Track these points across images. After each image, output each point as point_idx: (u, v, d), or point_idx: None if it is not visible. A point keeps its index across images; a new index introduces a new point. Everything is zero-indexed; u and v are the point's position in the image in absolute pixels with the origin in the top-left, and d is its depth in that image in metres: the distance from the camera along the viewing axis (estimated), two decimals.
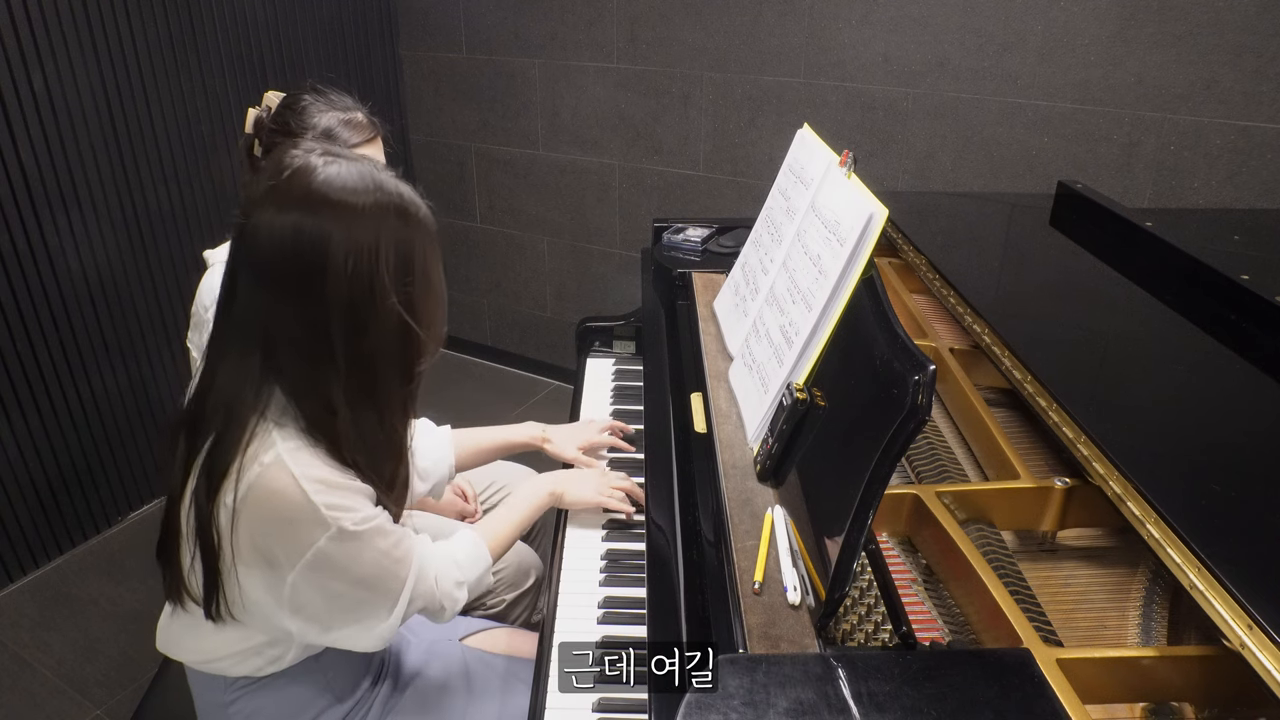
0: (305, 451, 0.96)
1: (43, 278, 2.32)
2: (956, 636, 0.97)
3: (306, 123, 1.48)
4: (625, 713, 1.08)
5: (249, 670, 1.10)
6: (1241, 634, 0.73)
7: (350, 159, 0.97)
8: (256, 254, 0.93)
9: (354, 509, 0.98)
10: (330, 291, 0.92)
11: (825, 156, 1.36)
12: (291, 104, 1.51)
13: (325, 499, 0.95)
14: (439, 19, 3.17)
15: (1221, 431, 1.06)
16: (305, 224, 0.91)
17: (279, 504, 0.94)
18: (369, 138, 1.54)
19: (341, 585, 1.00)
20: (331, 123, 1.49)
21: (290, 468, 0.94)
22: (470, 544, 1.21)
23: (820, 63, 2.57)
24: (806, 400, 1.10)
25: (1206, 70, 2.09)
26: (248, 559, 0.96)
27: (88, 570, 2.52)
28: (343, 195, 0.93)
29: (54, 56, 2.23)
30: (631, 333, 1.92)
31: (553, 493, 1.36)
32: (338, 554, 0.97)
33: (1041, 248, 1.70)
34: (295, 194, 0.92)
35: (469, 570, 1.18)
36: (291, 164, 0.94)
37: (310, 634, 1.04)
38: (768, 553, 1.04)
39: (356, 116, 1.53)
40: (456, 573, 1.16)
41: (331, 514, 0.95)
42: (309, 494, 0.94)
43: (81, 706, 2.09)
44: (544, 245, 3.35)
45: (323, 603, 1.00)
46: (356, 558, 0.99)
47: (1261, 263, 1.40)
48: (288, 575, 0.96)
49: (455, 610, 1.16)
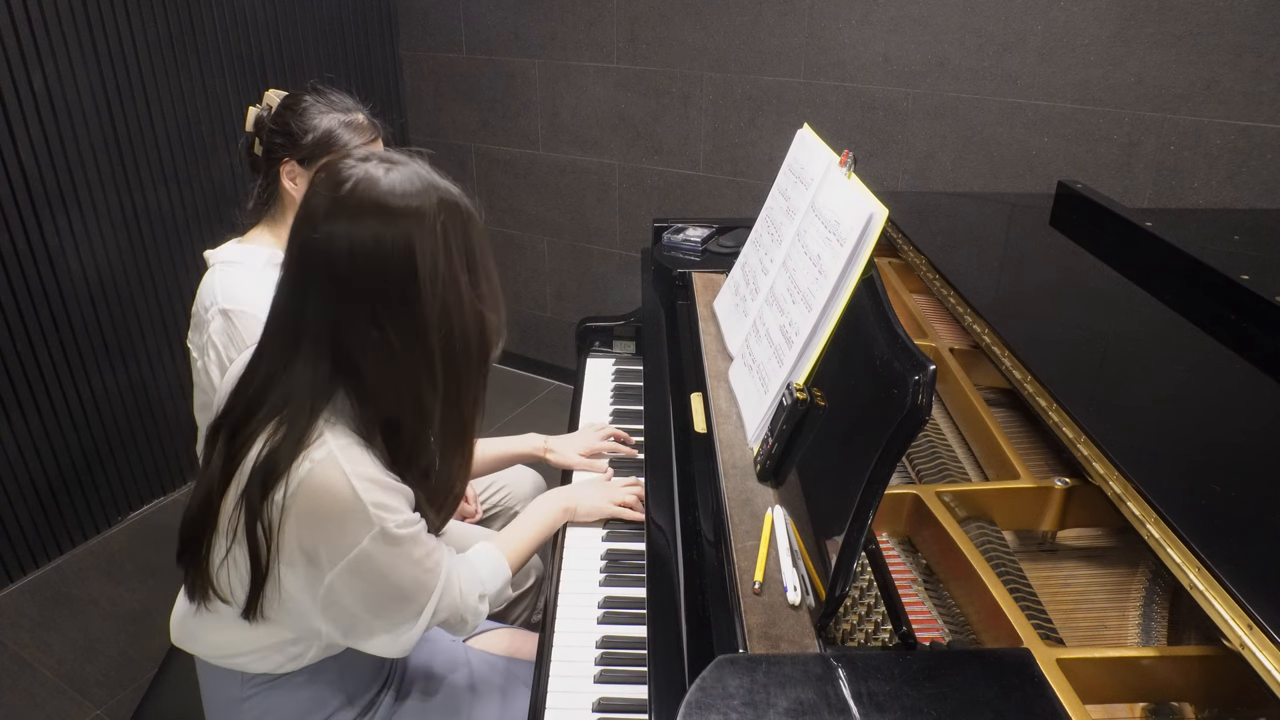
0: (356, 449, 0.97)
1: (43, 278, 2.33)
2: (956, 636, 0.97)
3: (308, 124, 1.48)
4: (625, 713, 1.08)
5: (269, 667, 1.10)
6: (1241, 634, 0.73)
7: (402, 161, 0.99)
8: (334, 264, 0.94)
9: (398, 510, 0.99)
10: (421, 294, 0.95)
11: (825, 156, 1.36)
12: (292, 105, 1.50)
13: (373, 497, 0.96)
14: (439, 19, 3.17)
15: (1221, 431, 1.06)
16: (385, 234, 0.93)
17: (328, 500, 0.94)
18: (370, 140, 1.53)
19: (376, 590, 1.01)
20: (333, 125, 1.49)
21: (342, 464, 0.95)
22: (491, 558, 1.22)
23: (820, 63, 2.57)
24: (806, 400, 1.10)
25: (1206, 70, 2.09)
26: (291, 557, 0.97)
27: (88, 570, 2.52)
28: (410, 200, 0.95)
29: (54, 56, 2.23)
30: (631, 333, 1.92)
31: (566, 508, 1.38)
32: (378, 556, 0.98)
33: (1041, 248, 1.70)
34: (366, 205, 0.94)
35: (490, 584, 1.19)
36: (353, 175, 0.96)
37: (337, 635, 1.05)
38: (768, 553, 1.04)
39: (358, 118, 1.52)
40: (479, 586, 1.17)
41: (378, 513, 0.96)
42: (359, 491, 0.95)
43: (81, 706, 2.09)
44: (544, 245, 3.35)
45: (356, 605, 1.01)
46: (394, 563, 1.00)
47: (1261, 263, 1.40)
48: (327, 575, 0.97)
49: (476, 623, 1.17)
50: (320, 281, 0.96)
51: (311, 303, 0.97)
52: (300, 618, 1.04)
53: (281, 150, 1.48)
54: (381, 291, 0.95)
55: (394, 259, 0.94)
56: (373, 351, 0.97)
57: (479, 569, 1.19)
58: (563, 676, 1.13)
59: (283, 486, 0.94)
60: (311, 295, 0.97)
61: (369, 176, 0.96)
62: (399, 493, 1.00)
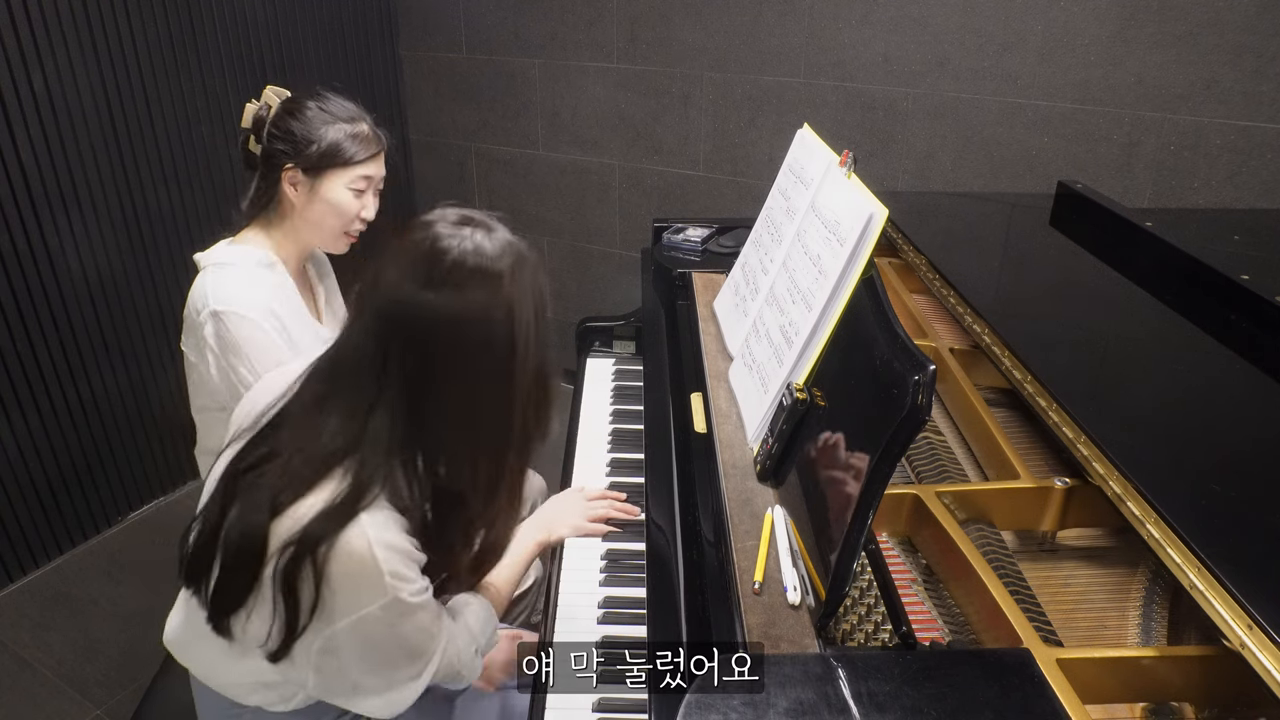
0: (385, 513, 0.96)
1: (43, 278, 2.32)
2: (956, 636, 0.97)
3: (312, 134, 1.46)
4: (625, 713, 1.08)
5: (260, 702, 1.09)
6: (1241, 634, 0.73)
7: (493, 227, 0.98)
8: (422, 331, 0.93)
9: (413, 580, 0.98)
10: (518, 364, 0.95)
11: (825, 156, 1.36)
12: (296, 111, 1.48)
13: (392, 566, 0.94)
14: (439, 19, 3.17)
15: (1221, 431, 1.06)
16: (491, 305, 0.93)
17: (347, 562, 0.93)
18: (374, 153, 1.52)
19: (377, 650, 0.99)
20: (339, 137, 1.47)
21: (367, 529, 0.93)
22: (481, 611, 1.21)
23: (820, 63, 2.57)
24: (806, 400, 1.10)
25: (1206, 70, 2.09)
26: None
27: (88, 570, 2.52)
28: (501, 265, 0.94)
29: (54, 56, 2.23)
30: (631, 333, 1.92)
31: (538, 541, 1.35)
32: (385, 621, 0.96)
33: (1041, 248, 1.70)
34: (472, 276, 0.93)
35: (481, 636, 1.18)
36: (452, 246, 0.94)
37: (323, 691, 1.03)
38: (768, 553, 1.04)
39: (363, 130, 1.51)
40: (472, 641, 1.16)
41: (393, 582, 0.95)
42: (379, 560, 0.93)
43: (81, 706, 2.09)
44: (544, 245, 3.35)
45: (353, 662, 0.99)
46: (399, 628, 0.99)
47: (1261, 263, 1.40)
48: (326, 630, 0.95)
49: (473, 676, 1.16)
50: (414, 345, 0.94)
51: (394, 364, 0.95)
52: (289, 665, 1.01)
53: (284, 157, 1.47)
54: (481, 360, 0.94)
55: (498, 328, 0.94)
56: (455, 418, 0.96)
57: (471, 625, 1.17)
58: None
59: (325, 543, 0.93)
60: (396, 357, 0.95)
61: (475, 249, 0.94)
62: (416, 561, 0.99)
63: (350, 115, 1.51)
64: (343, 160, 1.47)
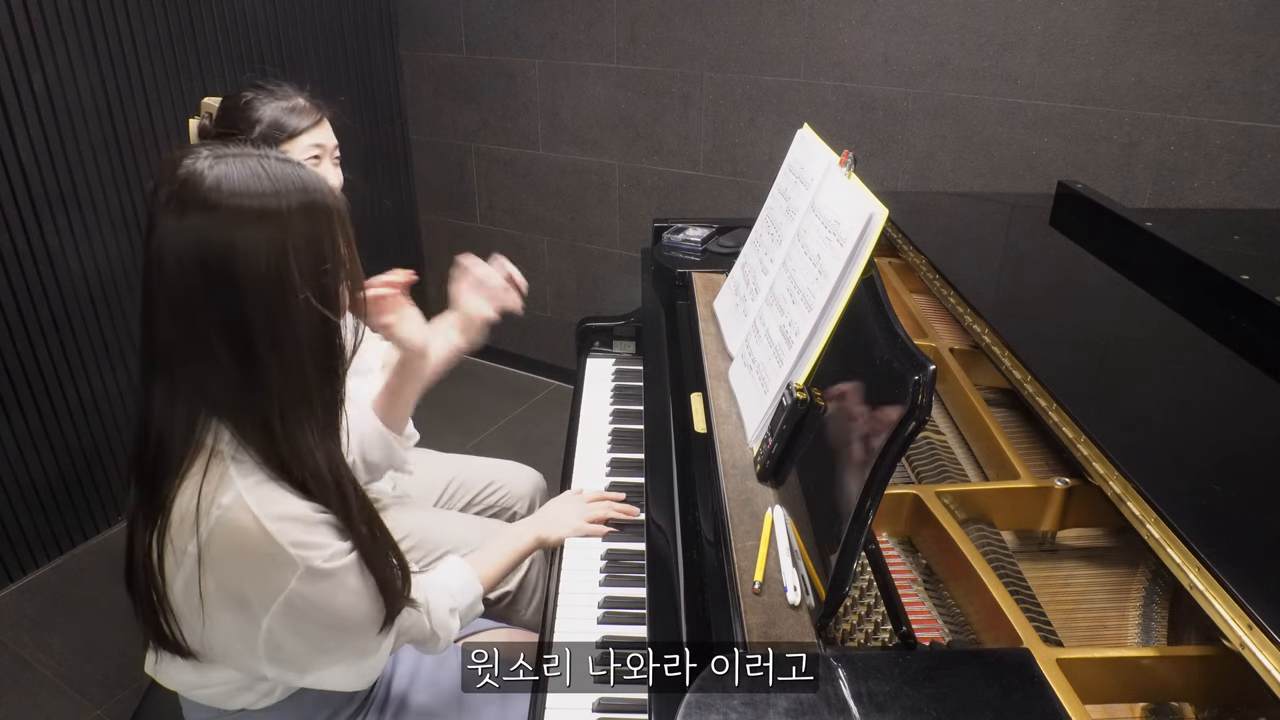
0: (266, 486, 0.90)
1: (43, 278, 2.32)
2: (956, 636, 0.97)
3: (251, 117, 1.49)
4: (625, 713, 1.08)
5: (243, 704, 1.07)
6: (1241, 634, 0.73)
7: (238, 155, 0.89)
8: (164, 276, 0.86)
9: (323, 545, 0.92)
10: (245, 301, 0.86)
11: (825, 156, 1.36)
12: (233, 104, 1.52)
13: (292, 537, 0.89)
14: (439, 19, 3.17)
15: (1221, 431, 1.06)
16: (207, 234, 0.84)
17: (242, 545, 0.88)
18: (315, 121, 1.54)
19: (318, 626, 0.95)
20: (275, 113, 1.50)
21: (250, 506, 0.88)
22: (461, 572, 1.19)
23: (820, 63, 2.57)
24: (806, 400, 1.10)
25: (1206, 70, 2.09)
26: (216, 603, 0.91)
27: (88, 570, 2.52)
28: (237, 198, 0.85)
29: (54, 56, 2.23)
30: (631, 333, 1.92)
31: (538, 536, 1.35)
32: (312, 594, 0.91)
33: (1041, 248, 1.70)
34: (190, 204, 0.85)
35: (460, 598, 1.16)
36: (181, 173, 0.87)
37: (289, 677, 1.01)
38: (768, 553, 1.04)
39: (299, 102, 1.53)
40: (448, 600, 1.13)
41: (299, 553, 0.89)
42: (272, 534, 0.88)
43: (81, 706, 2.09)
44: (544, 245, 3.35)
45: (301, 645, 0.95)
46: (331, 596, 0.94)
47: (1261, 263, 1.40)
48: (262, 619, 0.91)
49: (449, 639, 1.14)
50: (158, 299, 0.87)
51: (157, 325, 0.88)
52: (241, 663, 0.98)
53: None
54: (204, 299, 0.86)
55: (212, 263, 0.85)
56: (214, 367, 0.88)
57: (449, 583, 1.14)
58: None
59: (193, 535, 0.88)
60: (155, 317, 0.88)
61: (195, 172, 0.85)
62: (322, 525, 0.93)
63: (284, 93, 1.54)
64: (288, 132, 1.50)
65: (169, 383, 0.90)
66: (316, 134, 1.53)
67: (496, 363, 3.65)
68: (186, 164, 0.87)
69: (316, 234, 0.90)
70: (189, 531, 0.88)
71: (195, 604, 0.91)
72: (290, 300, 0.88)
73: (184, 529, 0.89)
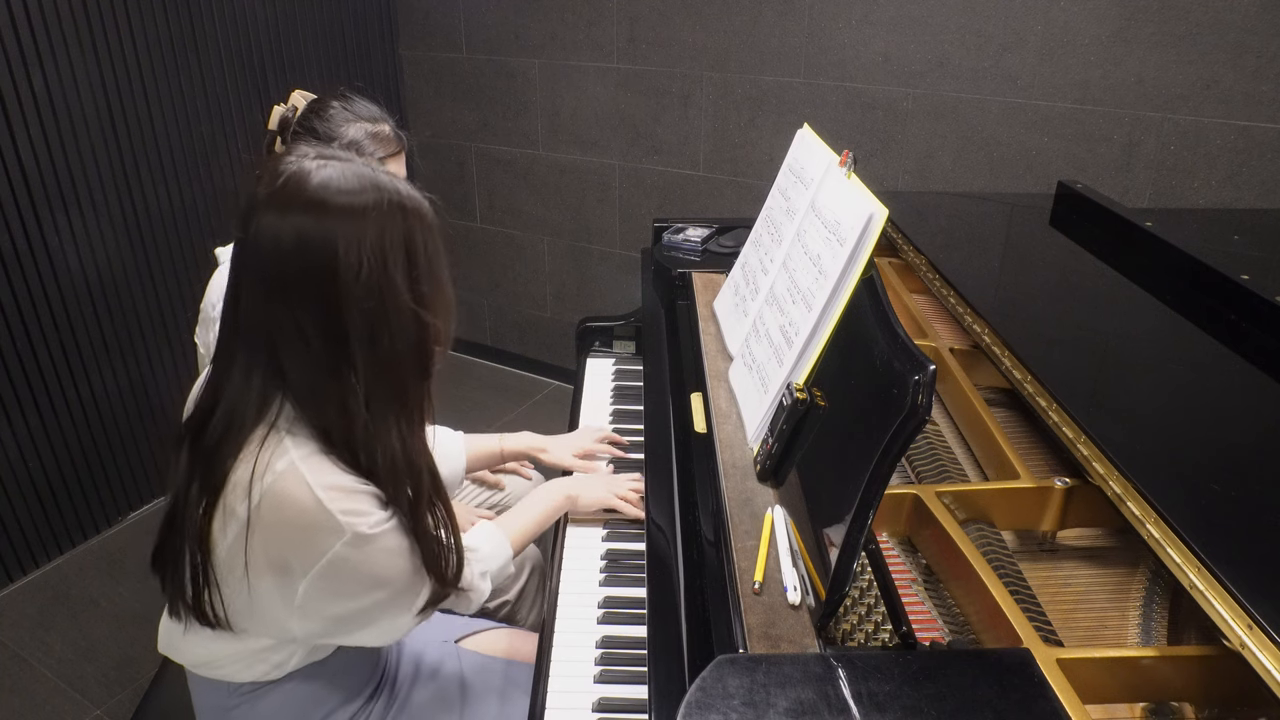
0: (318, 457, 0.96)
1: (43, 278, 2.33)
2: (956, 636, 0.97)
3: (334, 132, 1.48)
4: (625, 713, 1.08)
5: (254, 676, 1.09)
6: (1241, 634, 0.73)
7: (343, 159, 0.97)
8: (260, 262, 0.92)
9: (368, 513, 0.97)
10: (342, 295, 0.92)
11: (825, 156, 1.36)
12: (320, 110, 1.51)
13: (340, 505, 0.94)
14: (439, 19, 3.17)
15: (1221, 431, 1.06)
16: (309, 228, 0.90)
17: (293, 512, 0.93)
18: (394, 152, 1.54)
19: (357, 588, 0.99)
20: (359, 135, 1.49)
21: (305, 475, 0.93)
22: (493, 535, 1.23)
23: (820, 63, 2.57)
24: (806, 400, 1.10)
25: (1206, 70, 2.09)
26: (260, 568, 0.95)
27: (88, 570, 2.52)
28: (342, 197, 0.92)
29: (54, 56, 2.23)
30: (631, 333, 1.92)
31: (568, 495, 1.39)
32: (352, 558, 0.96)
33: (1041, 248, 1.70)
34: (295, 199, 0.91)
35: (491, 561, 1.20)
36: (286, 169, 0.94)
37: (318, 636, 1.04)
38: (768, 553, 1.04)
39: (384, 130, 1.53)
40: (479, 564, 1.17)
41: (347, 519, 0.94)
42: (324, 501, 0.93)
43: (81, 706, 2.09)
44: (544, 245, 3.35)
45: (337, 605, 1.00)
46: (370, 559, 0.98)
47: (1261, 263, 1.40)
48: (299, 583, 0.96)
49: (481, 600, 1.17)
50: (250, 279, 0.93)
51: (245, 304, 0.94)
52: (273, 625, 1.02)
53: None
54: (300, 288, 0.91)
55: (313, 255, 0.90)
56: (300, 353, 0.93)
57: (480, 546, 1.18)
58: (563, 676, 1.13)
59: (245, 499, 0.92)
60: (244, 296, 0.94)
61: (302, 170, 0.93)
62: (366, 495, 0.98)
63: (372, 115, 1.54)
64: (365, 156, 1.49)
65: (249, 361, 0.95)
66: (393, 165, 1.53)
67: (496, 363, 3.65)
68: (293, 161, 0.94)
69: (412, 239, 0.96)
70: (241, 495, 0.93)
71: (238, 567, 0.95)
72: (387, 297, 0.94)
73: (237, 492, 0.94)
